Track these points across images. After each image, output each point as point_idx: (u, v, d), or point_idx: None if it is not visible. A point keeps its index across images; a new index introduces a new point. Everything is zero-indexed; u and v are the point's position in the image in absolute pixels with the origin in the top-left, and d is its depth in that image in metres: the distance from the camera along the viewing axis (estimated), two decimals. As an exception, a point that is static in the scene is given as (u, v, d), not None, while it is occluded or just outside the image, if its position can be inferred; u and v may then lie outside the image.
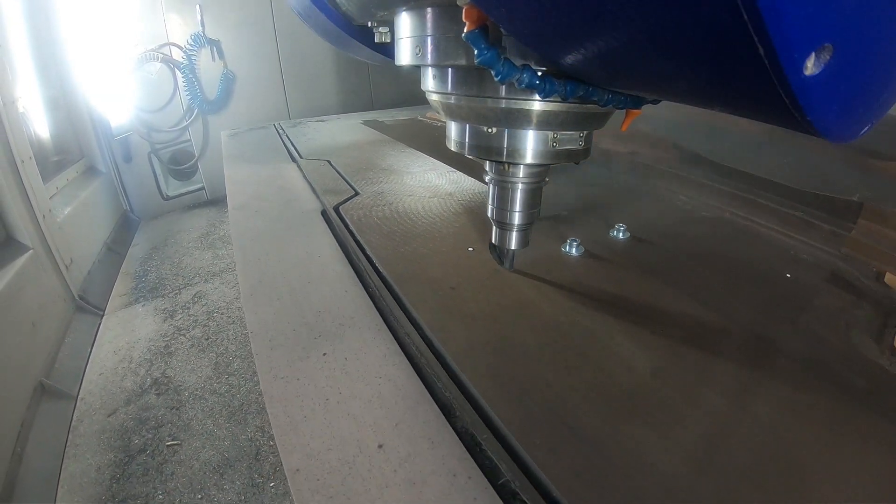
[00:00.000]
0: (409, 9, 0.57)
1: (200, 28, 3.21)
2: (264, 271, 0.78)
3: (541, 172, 0.63)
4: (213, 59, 3.34)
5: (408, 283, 0.69)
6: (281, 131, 2.03)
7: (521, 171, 0.62)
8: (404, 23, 0.59)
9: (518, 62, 0.44)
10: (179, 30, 3.16)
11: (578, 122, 0.56)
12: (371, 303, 0.67)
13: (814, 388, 0.51)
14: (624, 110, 0.54)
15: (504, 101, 0.54)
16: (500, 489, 0.40)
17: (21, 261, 1.96)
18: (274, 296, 0.71)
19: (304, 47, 3.43)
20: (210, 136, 3.27)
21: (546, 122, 0.55)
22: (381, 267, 0.75)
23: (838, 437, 0.45)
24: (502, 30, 0.45)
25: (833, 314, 0.67)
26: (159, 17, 3.10)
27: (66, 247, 2.33)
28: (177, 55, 3.23)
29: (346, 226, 0.93)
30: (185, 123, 3.37)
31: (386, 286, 0.70)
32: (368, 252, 0.80)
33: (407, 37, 0.59)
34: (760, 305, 0.69)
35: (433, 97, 0.62)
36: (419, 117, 2.29)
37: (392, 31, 0.70)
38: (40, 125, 2.79)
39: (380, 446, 0.43)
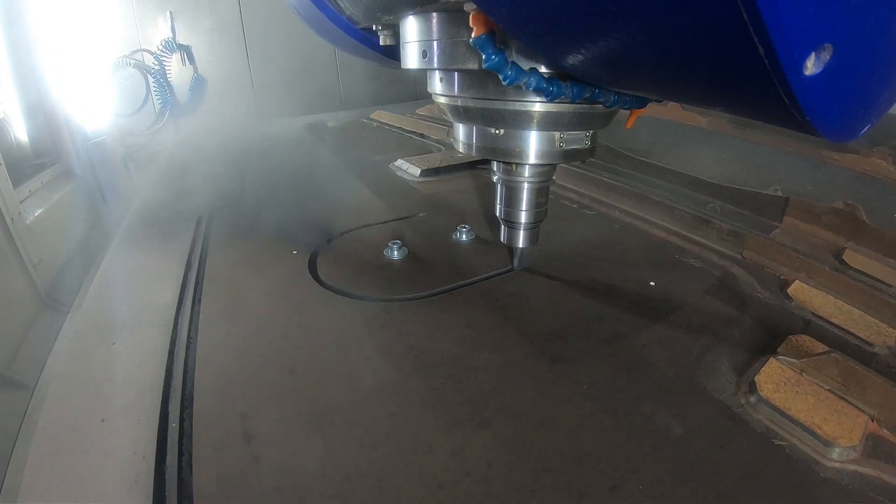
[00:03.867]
0: (416, 13, 0.57)
1: (171, 34, 3.31)
2: (116, 269, 0.89)
3: (547, 171, 0.65)
4: (184, 63, 3.43)
5: (217, 283, 0.79)
6: (225, 136, 2.14)
7: (529, 171, 0.63)
8: (411, 27, 0.59)
9: (525, 66, 0.45)
10: (151, 36, 3.28)
11: (585, 122, 0.57)
12: (176, 302, 0.76)
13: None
14: (629, 109, 0.57)
15: (512, 102, 0.54)
16: (159, 472, 0.47)
17: (-14, 261, 2.11)
18: (111, 290, 0.81)
19: (274, 52, 3.52)
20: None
21: (553, 122, 0.56)
22: (208, 268, 0.84)
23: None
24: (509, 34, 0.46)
25: (691, 332, 0.58)
26: (132, 23, 3.22)
27: (34, 247, 2.47)
28: (149, 61, 3.34)
29: (207, 231, 1.02)
30: (158, 127, 3.48)
31: (197, 286, 0.80)
32: (205, 255, 0.90)
33: (414, 41, 0.59)
34: (596, 314, 0.63)
35: (441, 100, 0.63)
36: (362, 119, 2.38)
37: (397, 35, 0.69)
38: (20, 130, 2.94)
39: (102, 420, 0.53)
